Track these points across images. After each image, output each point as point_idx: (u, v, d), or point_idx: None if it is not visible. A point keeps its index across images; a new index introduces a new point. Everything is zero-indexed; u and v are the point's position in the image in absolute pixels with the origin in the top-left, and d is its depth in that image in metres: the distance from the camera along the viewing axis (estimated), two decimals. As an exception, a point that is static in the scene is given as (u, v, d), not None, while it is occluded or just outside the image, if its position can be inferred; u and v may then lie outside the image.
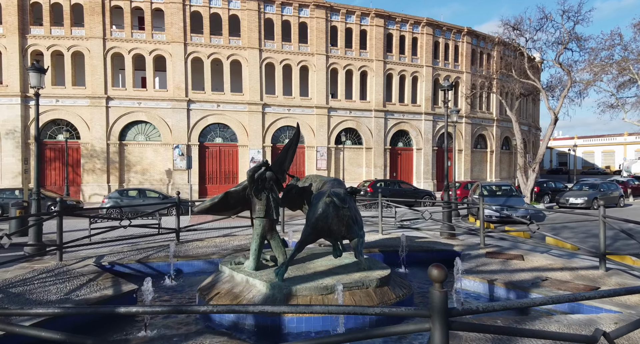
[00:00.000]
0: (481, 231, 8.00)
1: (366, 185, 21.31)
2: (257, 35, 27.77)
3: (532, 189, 18.39)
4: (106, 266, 6.48)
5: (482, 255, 7.22)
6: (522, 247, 8.67)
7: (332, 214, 4.94)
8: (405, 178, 32.37)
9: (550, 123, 18.36)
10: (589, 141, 73.92)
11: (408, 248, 7.35)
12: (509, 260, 6.84)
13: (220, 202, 5.67)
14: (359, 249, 5.24)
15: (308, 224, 5.13)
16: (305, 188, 6.22)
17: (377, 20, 30.79)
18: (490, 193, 15.81)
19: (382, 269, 5.35)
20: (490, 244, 8.11)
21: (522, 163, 18.95)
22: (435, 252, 7.54)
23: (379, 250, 7.48)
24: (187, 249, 7.54)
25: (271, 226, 5.49)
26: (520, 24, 17.59)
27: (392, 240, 8.49)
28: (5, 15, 24.25)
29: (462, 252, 7.36)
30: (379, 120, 31.16)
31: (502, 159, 38.49)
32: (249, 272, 5.24)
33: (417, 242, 8.20)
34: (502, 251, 7.57)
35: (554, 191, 24.58)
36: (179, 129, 26.46)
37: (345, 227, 5.06)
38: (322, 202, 4.99)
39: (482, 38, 36.38)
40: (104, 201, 17.01)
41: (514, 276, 5.88)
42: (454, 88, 33.99)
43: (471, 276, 5.83)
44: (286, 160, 6.55)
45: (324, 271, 5.28)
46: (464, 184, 22.43)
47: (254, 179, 5.32)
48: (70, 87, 25.29)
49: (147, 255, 7.08)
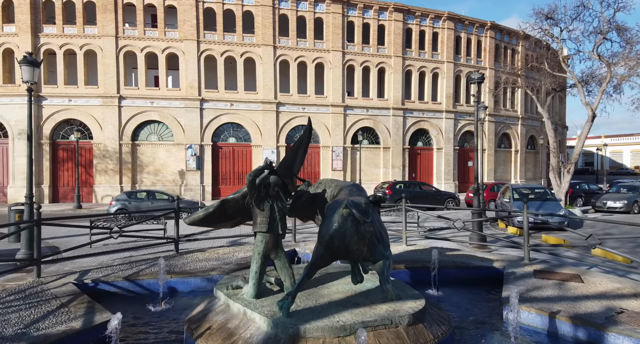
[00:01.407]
0: (525, 243, 6.80)
1: (384, 187, 20.14)
2: (272, 31, 26.89)
3: (566, 192, 16.89)
4: (89, 284, 5.61)
5: (530, 274, 6.05)
6: (569, 260, 7.47)
7: (350, 230, 3.90)
8: (425, 179, 31.00)
9: (587, 120, 16.82)
10: (616, 140, 70.71)
11: (439, 264, 6.25)
12: (565, 282, 5.66)
13: (216, 212, 4.69)
14: (385, 275, 4.15)
15: (320, 242, 4.10)
16: (317, 195, 5.19)
17: (396, 14, 29.51)
18: (521, 197, 14.45)
19: (414, 299, 4.27)
20: (536, 260, 6.92)
21: (555, 164, 17.45)
22: (471, 270, 6.41)
23: (405, 266, 6.39)
24: (184, 263, 6.61)
25: (276, 243, 4.48)
26: (554, 13, 16.15)
27: (419, 253, 7.39)
28: (18, 14, 24.03)
29: (505, 270, 6.20)
30: (397, 118, 29.88)
31: (527, 159, 36.65)
32: (248, 301, 4.24)
33: (448, 257, 7.06)
34: (551, 268, 6.38)
35: (587, 193, 22.89)
36: (192, 129, 25.82)
37: (368, 246, 4.01)
38: (337, 214, 3.96)
39: (506, 32, 34.65)
40: (112, 203, 16.38)
41: (579, 306, 4.72)
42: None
43: (525, 305, 4.69)
44: (295, 161, 5.54)
45: (340, 301, 4.24)
46: (490, 186, 20.99)
47: (255, 186, 4.32)
48: (82, 87, 24.92)
49: (138, 270, 6.18)
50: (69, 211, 21.10)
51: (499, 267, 6.43)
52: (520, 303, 4.80)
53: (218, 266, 6.39)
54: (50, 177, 24.51)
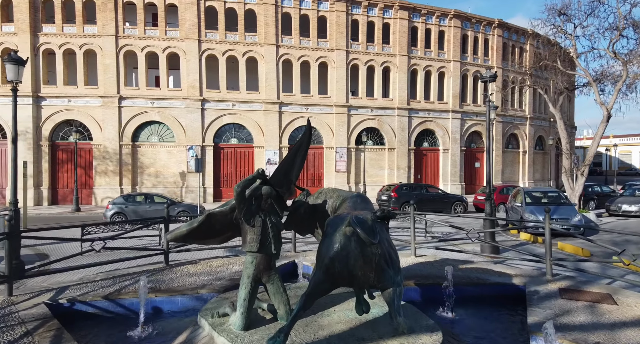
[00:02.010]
0: (547, 257, 6.15)
1: (390, 189, 19.49)
2: (274, 30, 26.34)
3: (580, 196, 16.17)
4: (64, 304, 5.07)
5: (555, 293, 5.42)
6: (593, 274, 6.82)
7: (354, 252, 3.31)
8: (431, 180, 30.31)
9: (602, 120, 16.08)
10: (625, 140, 69.54)
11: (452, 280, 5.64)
12: (596, 304, 5.04)
13: (201, 227, 4.11)
14: (396, 306, 3.50)
15: (319, 267, 3.50)
16: (317, 206, 4.61)
17: (401, 12, 28.86)
18: (534, 201, 13.78)
19: (430, 332, 3.66)
20: (558, 275, 6.28)
21: (569, 166, 16.73)
22: (488, 287, 5.78)
23: (414, 283, 5.78)
24: (172, 278, 6.04)
25: (268, 264, 3.89)
26: (567, 9, 15.45)
27: (430, 266, 6.77)
28: (17, 13, 23.65)
29: (527, 289, 5.56)
30: (402, 119, 29.22)
31: (535, 160, 35.84)
32: (235, 334, 3.66)
33: (462, 271, 6.44)
34: (578, 286, 5.74)
35: (600, 196, 22.13)
36: (193, 130, 25.34)
37: (375, 272, 3.40)
38: (339, 233, 3.37)
39: (514, 31, 33.89)
40: (108, 206, 15.89)
41: (618, 337, 4.09)
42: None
43: (557, 335, 4.06)
44: (294, 168, 4.95)
45: (343, 334, 3.64)
46: (500, 188, 20.28)
47: (244, 198, 3.74)
48: (82, 87, 24.51)
49: (121, 287, 5.62)
50: (67, 214, 20.67)
51: (519, 284, 5.79)
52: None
53: (209, 282, 5.81)
54: (49, 179, 24.11)
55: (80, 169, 23.98)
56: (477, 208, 21.15)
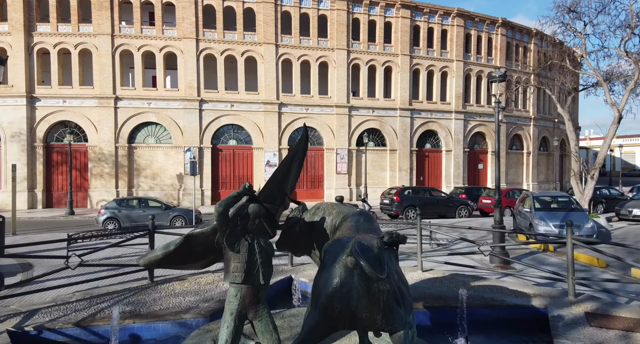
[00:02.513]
0: (570, 275, 5.57)
1: (392, 193, 18.92)
2: (274, 29, 25.79)
3: (590, 200, 15.58)
4: (30, 332, 4.51)
5: (582, 319, 4.85)
6: (607, 286, 6.25)
7: (358, 289, 2.74)
8: (433, 182, 29.74)
9: (613, 122, 15.47)
10: (628, 141, 68.93)
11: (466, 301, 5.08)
12: (630, 332, 4.47)
13: (179, 250, 3.55)
14: (408, 352, 2.97)
15: (315, 305, 2.93)
16: (314, 224, 4.04)
17: (403, 11, 28.29)
18: (544, 206, 13.19)
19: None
20: (582, 295, 5.70)
21: (577, 169, 16.14)
22: (506, 310, 5.21)
23: (424, 305, 5.21)
24: (155, 299, 5.47)
25: (256, 298, 3.32)
26: (577, 5, 14.87)
27: (439, 284, 6.19)
28: (11, 12, 23.14)
29: (549, 313, 4.99)
30: (404, 119, 28.65)
31: (539, 161, 35.28)
32: (215, 383, 3.12)
33: (475, 290, 5.85)
34: (605, 309, 5.16)
35: (608, 199, 21.52)
36: (191, 131, 24.80)
37: (383, 313, 2.83)
38: (339, 265, 2.80)
39: (517, 30, 33.32)
40: (101, 211, 15.32)
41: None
42: (489, 83, 31.08)
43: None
44: (288, 178, 4.40)
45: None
46: (505, 191, 19.68)
47: (227, 219, 3.18)
48: (77, 87, 23.99)
49: (98, 310, 5.06)
50: (61, 217, 20.14)
51: (539, 306, 5.22)
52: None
53: (195, 304, 5.24)
54: (44, 182, 23.60)
55: (75, 171, 23.46)
56: (482, 212, 20.58)
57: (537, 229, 12.08)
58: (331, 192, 26.30)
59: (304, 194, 26.72)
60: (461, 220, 17.90)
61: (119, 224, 15.04)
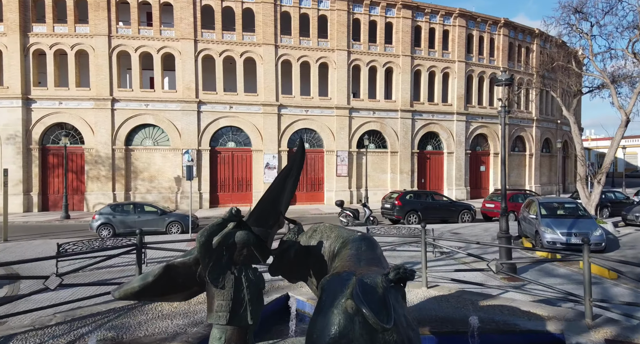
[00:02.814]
0: (587, 298, 5.19)
1: (393, 197, 18.55)
2: (273, 30, 25.43)
3: (597, 205, 15.19)
4: (2, 363, 4.17)
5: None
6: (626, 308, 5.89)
7: (359, 340, 2.37)
8: (435, 185, 29.38)
9: (620, 125, 15.10)
10: (631, 141, 68.55)
11: (476, 325, 4.72)
12: (654, 364, 4.12)
13: (158, 281, 3.19)
14: None
15: None
16: (311, 249, 3.68)
17: (404, 11, 27.90)
18: (550, 213, 12.81)
19: None
20: (599, 317, 5.33)
21: (584, 173, 15.76)
22: (519, 336, 4.85)
23: (430, 330, 4.85)
24: (140, 323, 5.11)
25: (243, 340, 2.96)
26: (584, 6, 14.50)
27: (446, 303, 5.82)
28: (7, 12, 22.79)
29: (567, 340, 4.63)
30: (405, 121, 28.27)
31: (542, 163, 34.87)
32: None
33: (484, 312, 5.47)
34: (626, 334, 4.80)
35: (614, 203, 21.14)
36: (189, 133, 24.45)
37: None
38: (338, 310, 2.43)
39: (520, 30, 32.93)
40: (94, 217, 14.96)
41: None
42: (491, 84, 30.70)
43: None
44: (283, 196, 4.05)
45: None
46: (509, 195, 19.26)
47: (211, 250, 2.81)
48: (74, 89, 23.65)
49: (77, 335, 4.70)
50: (56, 222, 19.81)
51: (555, 331, 4.85)
52: None
53: (183, 330, 4.87)
54: (39, 185, 23.26)
55: (71, 174, 23.14)
56: (485, 216, 20.20)
57: (543, 236, 11.72)
58: (331, 195, 25.95)
59: (304, 197, 26.39)
60: (464, 225, 17.53)
61: (113, 230, 14.69)
